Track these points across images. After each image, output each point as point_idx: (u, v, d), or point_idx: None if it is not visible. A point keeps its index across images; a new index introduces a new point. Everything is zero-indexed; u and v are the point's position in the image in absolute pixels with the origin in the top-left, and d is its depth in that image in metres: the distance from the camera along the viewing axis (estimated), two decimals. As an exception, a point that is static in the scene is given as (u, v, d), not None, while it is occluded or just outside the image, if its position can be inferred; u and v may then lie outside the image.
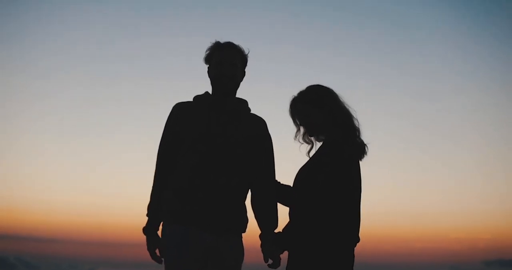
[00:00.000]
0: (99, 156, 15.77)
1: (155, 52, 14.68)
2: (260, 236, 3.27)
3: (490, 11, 13.94)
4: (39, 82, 15.12)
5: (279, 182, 3.38)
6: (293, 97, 3.27)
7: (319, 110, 3.18)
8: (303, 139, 3.33)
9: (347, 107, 3.22)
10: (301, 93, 3.25)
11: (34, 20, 14.08)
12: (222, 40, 3.29)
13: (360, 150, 3.16)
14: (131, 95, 15.10)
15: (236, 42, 3.30)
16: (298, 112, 3.26)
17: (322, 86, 3.25)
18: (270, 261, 3.22)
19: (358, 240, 3.11)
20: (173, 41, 14.26)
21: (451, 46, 13.92)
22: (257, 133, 3.27)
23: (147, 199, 3.31)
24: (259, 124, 3.32)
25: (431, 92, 15.02)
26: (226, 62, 3.21)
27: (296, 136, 3.34)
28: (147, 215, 3.27)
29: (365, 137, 3.23)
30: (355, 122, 3.20)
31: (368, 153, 3.18)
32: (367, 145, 3.18)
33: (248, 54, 3.31)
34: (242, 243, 3.27)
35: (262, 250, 3.24)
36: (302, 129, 3.31)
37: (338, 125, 3.16)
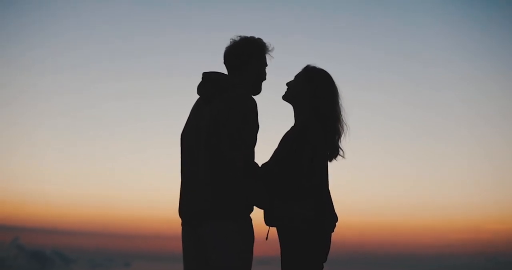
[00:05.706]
0: (131, 149, 15.80)
1: (170, 47, 14.62)
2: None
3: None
4: (52, 77, 15.11)
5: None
6: (309, 65, 3.31)
7: (306, 87, 3.23)
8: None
9: (339, 108, 3.24)
10: (314, 68, 3.30)
11: (39, 15, 14.03)
12: (237, 32, 3.26)
13: (331, 151, 3.21)
14: (142, 91, 15.07)
15: (241, 33, 3.27)
16: (297, 75, 3.31)
17: (331, 78, 3.28)
18: None
19: (329, 227, 3.11)
20: (190, 36, 14.20)
21: (461, 35, 13.73)
22: None
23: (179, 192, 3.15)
24: None
25: (442, 82, 14.85)
26: None
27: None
28: None
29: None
30: (340, 127, 3.22)
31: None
32: (342, 151, 3.22)
33: None
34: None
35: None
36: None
37: (316, 114, 3.17)
